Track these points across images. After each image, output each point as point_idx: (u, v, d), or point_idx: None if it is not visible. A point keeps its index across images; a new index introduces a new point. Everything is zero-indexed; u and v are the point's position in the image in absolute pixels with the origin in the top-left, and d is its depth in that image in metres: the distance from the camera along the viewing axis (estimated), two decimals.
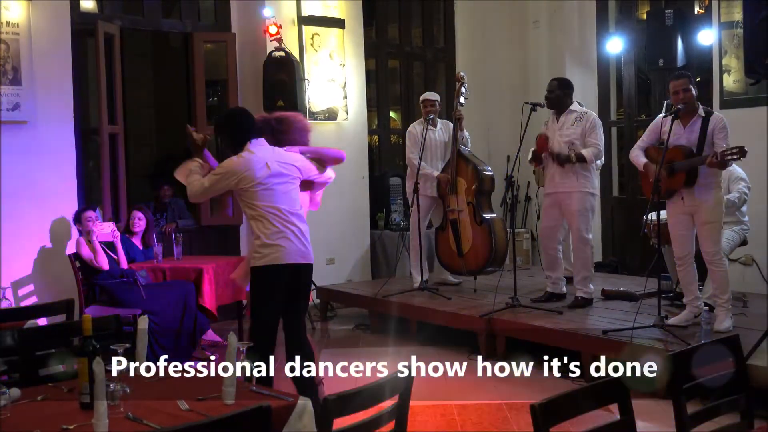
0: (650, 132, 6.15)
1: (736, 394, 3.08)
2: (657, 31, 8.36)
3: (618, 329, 5.90)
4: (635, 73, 9.48)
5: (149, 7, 8.55)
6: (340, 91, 8.96)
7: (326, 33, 8.89)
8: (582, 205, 6.87)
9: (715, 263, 5.81)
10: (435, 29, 10.45)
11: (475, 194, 7.78)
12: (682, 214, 5.89)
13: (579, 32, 9.74)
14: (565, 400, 2.55)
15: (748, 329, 5.62)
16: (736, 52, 7.54)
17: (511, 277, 7.03)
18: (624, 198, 9.59)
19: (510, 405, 5.46)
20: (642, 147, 6.15)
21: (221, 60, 8.92)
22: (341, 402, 2.63)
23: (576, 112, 6.96)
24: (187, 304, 6.78)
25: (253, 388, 3.39)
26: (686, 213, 5.87)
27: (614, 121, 9.69)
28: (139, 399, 3.24)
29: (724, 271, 5.83)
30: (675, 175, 5.80)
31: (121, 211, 7.90)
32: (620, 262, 9.40)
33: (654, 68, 8.64)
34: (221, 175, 4.75)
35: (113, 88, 8.01)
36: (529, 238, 9.80)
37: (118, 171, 8.03)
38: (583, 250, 6.93)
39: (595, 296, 7.14)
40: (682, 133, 5.84)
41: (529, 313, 6.76)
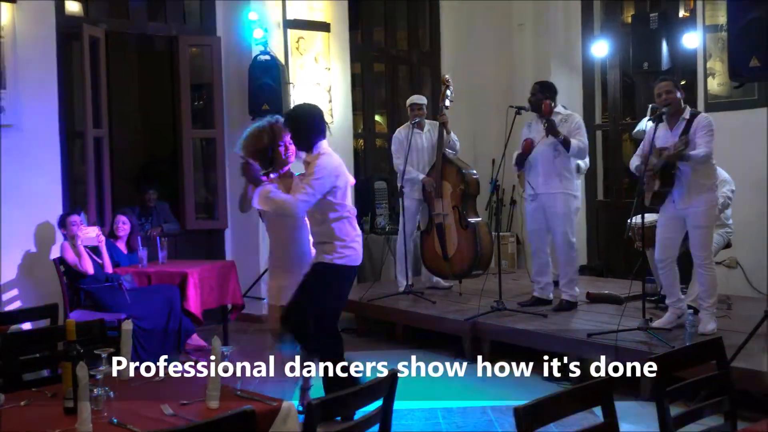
0: (644, 140, 6.15)
1: (719, 396, 3.09)
2: (642, 35, 8.40)
3: (602, 332, 5.91)
4: (620, 76, 9.53)
5: (134, 11, 8.54)
6: (325, 94, 8.95)
7: (312, 36, 8.89)
8: (566, 208, 6.89)
9: (704, 267, 5.82)
10: (420, 32, 10.46)
11: (461, 198, 7.79)
12: (673, 218, 5.87)
13: (564, 35, 9.77)
14: (549, 403, 2.56)
15: (731, 332, 5.65)
16: (720, 55, 7.59)
17: (496, 281, 7.04)
18: (609, 201, 9.63)
19: (495, 408, 5.47)
20: (639, 155, 6.14)
21: (206, 63, 8.91)
22: (325, 407, 2.62)
23: (560, 114, 6.98)
24: (172, 308, 6.76)
25: (237, 392, 3.39)
26: (677, 216, 5.84)
27: (599, 125, 9.73)
28: (123, 403, 3.23)
29: (713, 275, 5.83)
30: (655, 179, 5.82)
31: (105, 216, 7.86)
32: (605, 266, 9.43)
33: (639, 71, 8.68)
34: (324, 176, 4.79)
35: (98, 91, 7.97)
36: (515, 242, 9.81)
37: (103, 175, 8.00)
38: (568, 253, 6.96)
39: (580, 299, 7.16)
40: (669, 136, 5.86)
41: (514, 316, 6.78)
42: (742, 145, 7.10)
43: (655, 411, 2.89)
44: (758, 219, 6.39)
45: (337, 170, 4.85)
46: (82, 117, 7.89)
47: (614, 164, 9.64)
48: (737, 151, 7.04)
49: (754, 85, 7.08)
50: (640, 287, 6.03)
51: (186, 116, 8.70)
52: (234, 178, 8.66)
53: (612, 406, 2.71)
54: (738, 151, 7.06)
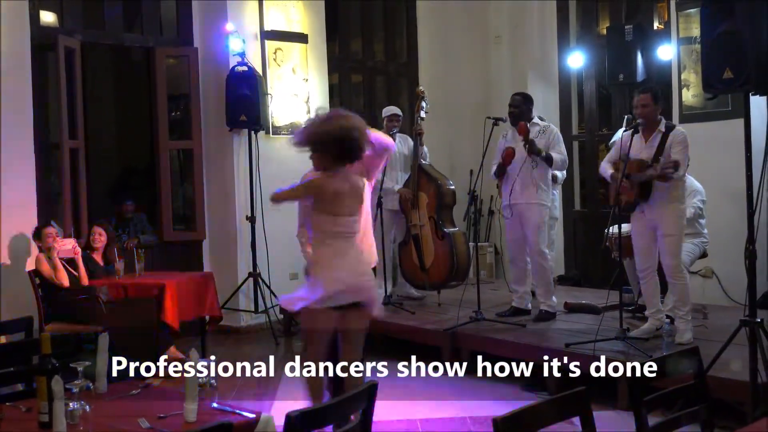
0: (616, 148, 6.21)
1: (696, 406, 3.11)
2: (617, 47, 8.46)
3: (580, 342, 5.94)
4: (596, 87, 9.59)
5: (111, 22, 8.50)
6: (303, 105, 8.95)
7: (289, 48, 8.89)
8: (539, 219, 6.92)
9: (675, 276, 5.87)
10: (398, 44, 10.49)
11: (437, 209, 7.81)
12: (644, 228, 5.95)
13: (540, 47, 9.83)
14: (528, 414, 2.56)
15: (708, 341, 5.68)
16: (694, 67, 7.66)
17: (474, 291, 7.04)
18: (586, 212, 9.68)
19: (474, 419, 5.47)
20: (609, 161, 6.20)
21: (183, 74, 8.88)
22: (304, 418, 2.61)
23: (539, 125, 7.02)
24: (149, 320, 6.71)
25: (215, 405, 3.37)
26: (648, 226, 5.92)
27: (576, 136, 9.79)
28: (100, 418, 3.20)
29: (685, 284, 5.88)
30: (631, 189, 5.86)
31: (81, 227, 7.81)
32: (583, 275, 9.48)
33: (614, 83, 8.74)
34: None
35: (74, 102, 7.93)
36: (493, 252, 9.84)
37: (79, 186, 7.95)
38: (542, 263, 6.97)
39: (558, 309, 7.19)
40: (643, 148, 5.91)
41: (492, 326, 6.78)
42: (716, 155, 7.16)
43: (633, 421, 2.90)
44: (733, 229, 6.44)
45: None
46: (58, 128, 7.83)
47: (591, 175, 9.69)
48: (712, 161, 7.10)
49: (727, 96, 7.14)
50: (617, 297, 6.06)
51: (163, 127, 8.66)
52: (211, 188, 8.64)
53: (590, 416, 2.72)
54: (713, 161, 7.12)
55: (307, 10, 9.08)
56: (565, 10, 9.71)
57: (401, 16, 10.39)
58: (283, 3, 8.89)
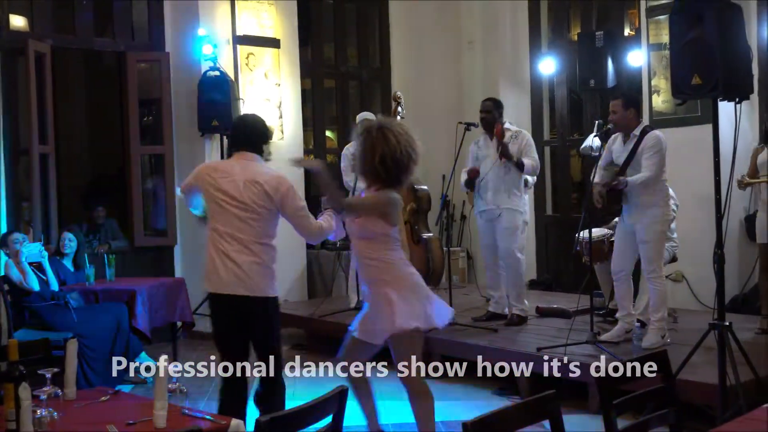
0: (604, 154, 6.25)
1: (665, 409, 3.13)
2: (588, 52, 8.53)
3: (552, 346, 5.96)
4: (568, 93, 9.66)
5: (81, 26, 8.44)
6: (275, 110, 8.94)
7: (261, 53, 8.88)
8: (511, 223, 6.93)
9: (651, 280, 5.91)
10: (371, 49, 10.50)
11: (412, 214, 7.81)
12: (626, 232, 6.00)
13: (512, 53, 9.88)
14: (497, 417, 2.56)
15: (677, 344, 5.73)
16: (664, 73, 7.73)
17: (447, 296, 7.04)
18: (557, 216, 9.73)
19: (446, 423, 5.47)
20: (601, 166, 6.23)
21: (155, 79, 8.84)
22: (274, 424, 2.60)
23: (510, 130, 7.03)
24: (120, 326, 6.66)
25: (185, 411, 3.35)
26: (628, 231, 5.97)
27: (547, 141, 9.85)
28: (68, 425, 3.17)
29: (660, 290, 5.90)
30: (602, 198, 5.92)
31: (52, 233, 7.74)
32: (554, 280, 9.52)
33: (585, 89, 8.81)
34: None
35: (44, 107, 7.87)
36: (465, 257, 9.87)
37: (49, 192, 7.88)
38: (515, 267, 6.97)
39: (530, 314, 7.22)
40: (621, 151, 5.99)
41: (464, 331, 6.79)
42: (686, 160, 7.22)
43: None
44: (703, 233, 6.50)
45: (194, 174, 4.51)
46: (28, 133, 7.76)
47: (563, 179, 9.76)
48: (682, 166, 7.16)
49: (697, 102, 7.22)
50: (588, 301, 6.10)
51: (134, 132, 8.61)
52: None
53: (560, 419, 2.73)
54: (682, 166, 7.18)
55: (279, 15, 9.07)
56: (537, 16, 9.77)
57: (374, 22, 10.41)
58: (256, 8, 8.88)
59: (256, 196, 4.32)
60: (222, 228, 4.34)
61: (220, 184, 4.33)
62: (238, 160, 4.43)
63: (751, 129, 7.64)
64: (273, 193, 4.34)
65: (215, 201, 4.35)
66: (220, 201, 4.33)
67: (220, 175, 4.37)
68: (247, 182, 4.32)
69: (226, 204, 4.32)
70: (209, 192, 4.37)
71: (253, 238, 4.36)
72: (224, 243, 4.34)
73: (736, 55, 4.86)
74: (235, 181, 4.32)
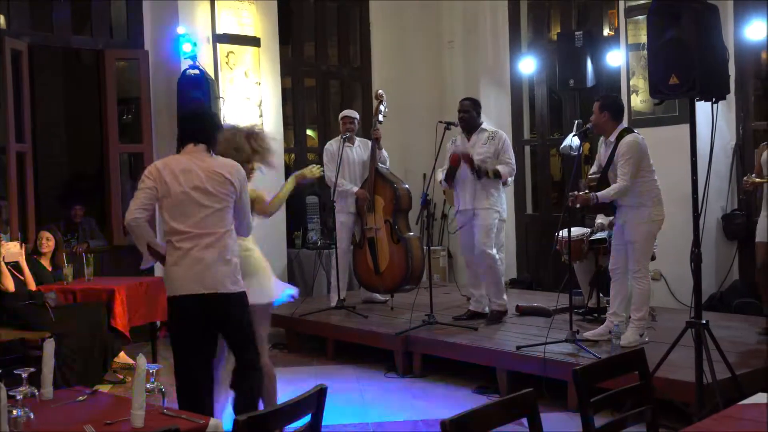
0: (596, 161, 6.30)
1: (642, 406, 3.15)
2: (567, 52, 8.58)
3: (531, 345, 5.99)
4: (547, 92, 9.70)
5: (59, 24, 8.38)
6: (255, 109, 8.91)
7: (241, 51, 8.85)
8: (486, 221, 6.93)
9: (635, 279, 5.94)
10: (351, 48, 10.50)
11: (393, 213, 7.81)
12: (618, 230, 6.04)
13: (492, 53, 9.91)
14: (476, 416, 2.57)
15: (655, 342, 5.77)
16: (643, 72, 7.78)
17: (427, 295, 7.06)
18: (537, 215, 9.77)
19: (426, 422, 5.49)
20: (593, 171, 6.28)
21: (134, 77, 8.80)
22: (253, 423, 2.59)
23: (487, 131, 7.05)
24: (99, 326, 6.63)
25: (164, 411, 3.34)
26: (620, 229, 6.01)
27: (527, 140, 9.88)
28: (44, 425, 3.15)
29: (644, 289, 5.93)
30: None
31: (29, 232, 7.68)
32: (534, 279, 9.56)
33: (565, 88, 8.86)
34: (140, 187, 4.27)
35: (21, 105, 7.81)
36: (446, 256, 9.88)
37: (26, 190, 7.83)
38: (490, 264, 6.96)
39: (510, 312, 7.24)
40: (604, 157, 6.03)
41: (445, 329, 6.81)
42: (664, 160, 7.25)
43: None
44: (681, 232, 6.54)
45: (154, 174, 4.23)
46: (4, 131, 7.71)
47: (542, 179, 9.80)
48: (660, 166, 7.17)
49: (675, 102, 7.27)
50: (567, 300, 6.13)
51: (113, 130, 8.56)
52: None
53: (538, 417, 2.74)
54: (661, 166, 7.19)
55: (259, 14, 9.05)
56: (517, 16, 9.81)
57: (355, 21, 10.40)
58: (236, 6, 8.85)
59: (221, 185, 4.25)
60: (195, 230, 4.20)
61: (184, 181, 4.20)
62: (192, 153, 4.30)
63: (728, 128, 7.72)
64: (234, 181, 4.30)
65: (171, 202, 4.21)
66: (190, 199, 4.20)
67: (180, 172, 4.22)
68: (208, 173, 4.24)
69: (195, 200, 4.20)
70: (176, 194, 4.20)
71: (224, 230, 4.28)
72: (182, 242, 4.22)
73: (713, 56, 4.89)
74: (199, 175, 4.22)
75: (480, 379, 6.30)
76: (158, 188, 4.18)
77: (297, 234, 9.43)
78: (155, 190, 4.18)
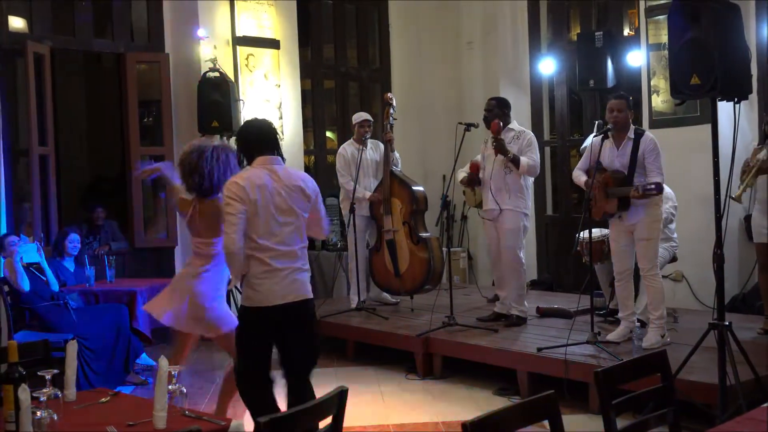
0: (586, 155, 6.25)
1: (664, 408, 3.14)
2: (587, 53, 8.53)
3: (552, 346, 5.96)
4: (567, 93, 9.66)
5: (80, 27, 8.44)
6: (275, 111, 8.94)
7: (261, 53, 8.88)
8: (513, 224, 6.91)
9: (648, 279, 5.92)
10: (370, 50, 10.51)
11: (411, 214, 7.81)
12: (621, 232, 6.00)
13: (512, 53, 9.89)
14: (497, 418, 2.56)
15: (677, 344, 5.73)
16: (664, 73, 7.73)
17: (447, 296, 7.05)
18: (558, 216, 9.74)
19: (447, 423, 5.48)
20: (582, 169, 6.24)
21: (155, 80, 8.83)
22: (274, 425, 2.60)
23: (514, 130, 7.00)
24: (120, 327, 6.67)
25: (185, 412, 3.35)
26: (625, 231, 5.97)
27: (547, 141, 9.85)
28: (68, 426, 3.17)
29: (657, 288, 5.91)
30: (609, 200, 5.91)
31: (52, 234, 7.74)
32: (554, 280, 9.52)
33: (585, 89, 8.81)
34: (228, 203, 4.23)
35: (44, 108, 7.87)
36: (466, 257, 9.87)
37: (48, 193, 7.88)
38: (516, 268, 6.95)
39: (530, 314, 7.21)
40: (616, 155, 5.97)
41: (465, 331, 6.79)
42: (686, 160, 7.24)
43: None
44: (703, 233, 6.51)
45: (240, 193, 4.21)
46: (27, 134, 7.77)
47: (563, 180, 9.76)
48: (682, 166, 7.18)
49: (696, 102, 7.23)
50: (588, 301, 6.10)
51: (134, 133, 8.61)
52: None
53: (559, 419, 2.73)
54: (682, 166, 7.19)
55: (279, 16, 9.07)
56: (537, 16, 9.78)
57: (374, 22, 10.41)
58: (255, 9, 8.88)
59: (300, 200, 4.36)
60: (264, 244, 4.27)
61: (269, 198, 4.25)
62: (265, 165, 4.34)
63: (750, 129, 7.65)
64: (311, 194, 4.43)
65: (256, 217, 4.25)
66: (274, 217, 4.28)
67: (262, 188, 4.26)
68: (288, 190, 4.32)
69: (279, 218, 4.29)
70: (262, 213, 4.26)
71: (304, 245, 4.48)
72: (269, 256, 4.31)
73: (734, 55, 4.85)
74: (281, 193, 4.29)
75: (501, 381, 6.28)
76: (248, 209, 4.22)
77: None
78: (246, 212, 4.22)
